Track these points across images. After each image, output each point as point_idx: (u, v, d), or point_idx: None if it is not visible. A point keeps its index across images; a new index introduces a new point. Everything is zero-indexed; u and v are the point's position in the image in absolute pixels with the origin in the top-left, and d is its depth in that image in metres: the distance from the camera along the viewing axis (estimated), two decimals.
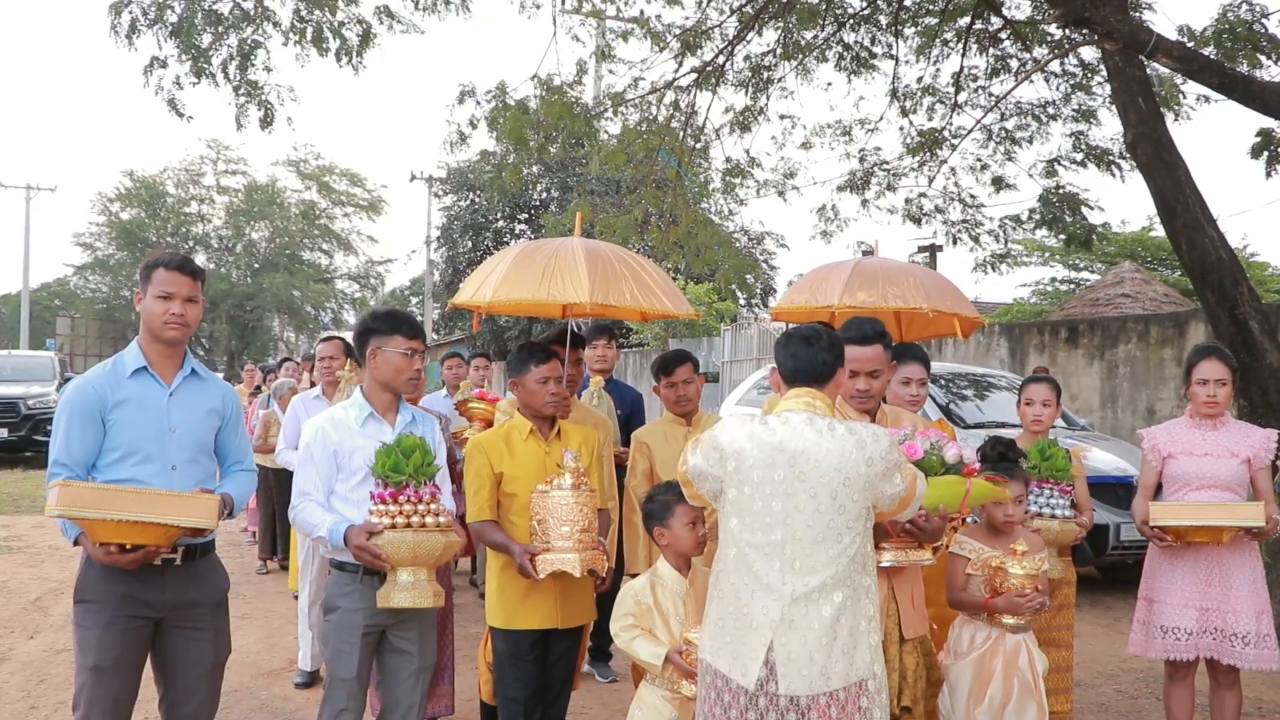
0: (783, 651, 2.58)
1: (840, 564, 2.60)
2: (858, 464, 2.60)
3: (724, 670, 2.66)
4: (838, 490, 2.59)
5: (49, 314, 44.28)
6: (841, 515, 2.60)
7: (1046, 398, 4.47)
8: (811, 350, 2.77)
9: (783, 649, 2.58)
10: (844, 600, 2.60)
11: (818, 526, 2.59)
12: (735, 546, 2.69)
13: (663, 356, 4.55)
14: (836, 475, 2.59)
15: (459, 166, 25.82)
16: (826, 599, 2.58)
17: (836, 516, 2.59)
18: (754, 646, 2.61)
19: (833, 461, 2.59)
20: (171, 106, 7.62)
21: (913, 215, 9.66)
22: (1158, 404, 10.73)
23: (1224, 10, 6.88)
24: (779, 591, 2.60)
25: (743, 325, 18.68)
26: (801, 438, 2.62)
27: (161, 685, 3.18)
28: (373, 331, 3.38)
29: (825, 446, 2.60)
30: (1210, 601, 3.97)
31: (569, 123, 8.00)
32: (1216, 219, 6.24)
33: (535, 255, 4.55)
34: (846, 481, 2.59)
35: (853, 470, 2.59)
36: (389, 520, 3.06)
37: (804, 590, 2.58)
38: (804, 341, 2.79)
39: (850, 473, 2.59)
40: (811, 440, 2.61)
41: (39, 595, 7.33)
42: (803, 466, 2.60)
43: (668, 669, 3.10)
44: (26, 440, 16.18)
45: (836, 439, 2.61)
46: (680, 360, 4.53)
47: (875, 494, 2.65)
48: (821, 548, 2.59)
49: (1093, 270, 21.57)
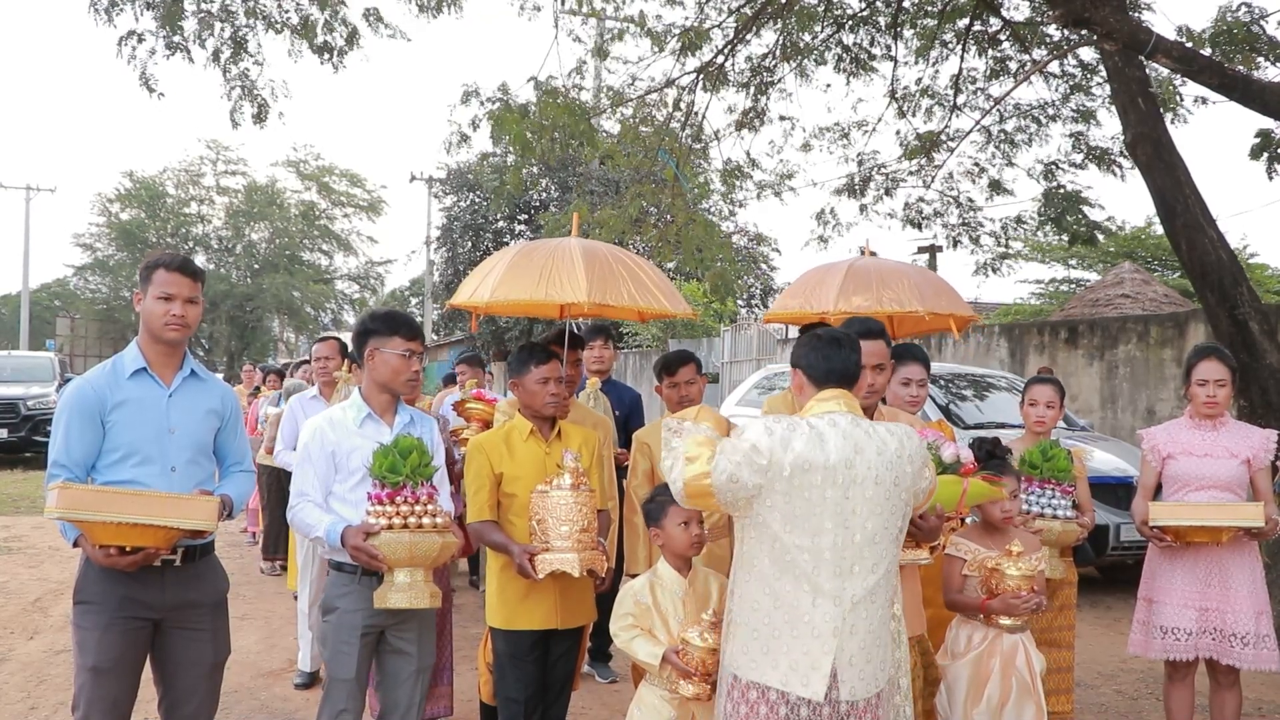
0: (844, 657, 2.57)
1: (887, 562, 2.64)
2: (904, 462, 2.64)
3: (776, 684, 2.58)
4: (890, 490, 2.61)
5: (49, 314, 44.30)
6: (893, 514, 2.63)
7: (1051, 399, 4.47)
8: (843, 352, 2.77)
9: (844, 655, 2.57)
10: (889, 599, 2.66)
11: (871, 527, 2.60)
12: (778, 552, 2.60)
13: (665, 356, 4.54)
14: (889, 474, 2.61)
15: (459, 167, 25.85)
16: (880, 600, 2.63)
17: (889, 516, 2.62)
18: (816, 655, 2.56)
19: (885, 461, 2.61)
20: (144, 81, 7.60)
21: (912, 220, 9.66)
22: (1158, 404, 10.73)
23: (1222, 11, 6.87)
24: (839, 596, 2.57)
25: (742, 326, 18.68)
26: (852, 439, 2.60)
27: (161, 686, 3.18)
28: (371, 332, 3.37)
29: (875, 446, 2.61)
30: (1210, 602, 3.97)
31: (569, 122, 7.99)
32: (1216, 219, 6.25)
33: (532, 256, 4.56)
34: (897, 481, 2.62)
35: (901, 469, 2.63)
36: (386, 521, 3.05)
37: (863, 593, 2.59)
38: (835, 344, 2.78)
39: (900, 471, 2.63)
40: (862, 441, 2.61)
41: (39, 596, 7.33)
42: (858, 468, 2.58)
43: (665, 669, 3.10)
44: (26, 441, 16.17)
45: (884, 439, 2.64)
46: (683, 360, 4.52)
47: (916, 490, 2.71)
48: (875, 548, 2.61)
49: (1093, 270, 21.57)
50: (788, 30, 8.72)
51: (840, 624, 2.57)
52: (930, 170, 9.28)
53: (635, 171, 9.46)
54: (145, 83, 7.59)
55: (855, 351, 2.79)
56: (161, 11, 7.19)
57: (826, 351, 2.76)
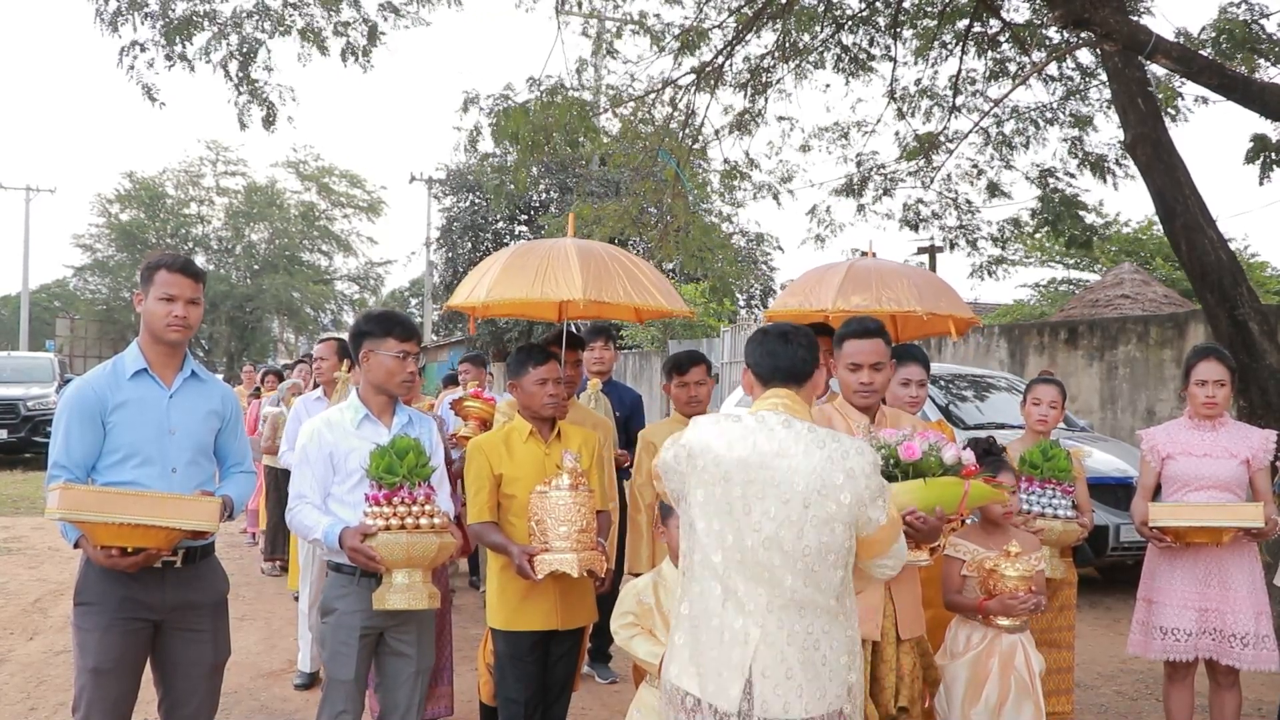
0: (759, 669, 2.38)
1: (818, 579, 2.40)
2: (835, 472, 2.40)
3: (695, 691, 2.45)
4: (811, 498, 2.39)
5: (48, 315, 44.30)
6: (816, 526, 2.39)
7: (1054, 399, 4.48)
8: (790, 348, 2.61)
9: (759, 667, 2.39)
10: (822, 620, 2.42)
11: (789, 535, 2.39)
12: (701, 553, 2.49)
13: (676, 356, 4.54)
14: (811, 480, 2.39)
15: (459, 168, 25.85)
16: (804, 614, 2.40)
17: (810, 527, 2.39)
18: (734, 665, 2.41)
19: (809, 465, 2.40)
20: (145, 91, 7.60)
21: (909, 221, 9.66)
22: (1157, 405, 10.73)
23: (1222, 11, 6.88)
24: (754, 604, 2.41)
25: (742, 326, 18.67)
26: (775, 438, 2.44)
27: (161, 687, 3.18)
28: (366, 334, 3.36)
29: (801, 449, 2.42)
30: (1209, 602, 3.97)
31: (572, 121, 7.99)
32: (1216, 220, 6.25)
33: (528, 255, 4.58)
34: (822, 490, 2.39)
35: (829, 478, 2.40)
36: (383, 522, 3.05)
37: (780, 603, 2.40)
38: (781, 339, 2.63)
39: (827, 480, 2.39)
40: (788, 442, 2.43)
41: (38, 597, 7.33)
42: (776, 469, 2.41)
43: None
44: (26, 441, 16.17)
45: (813, 442, 2.43)
46: (694, 361, 4.52)
47: (850, 519, 2.43)
48: (796, 559, 2.39)
49: (1093, 271, 21.58)
50: (787, 31, 8.73)
51: (758, 634, 2.39)
52: (929, 171, 9.28)
53: (635, 171, 9.46)
54: (147, 92, 7.60)
55: (804, 348, 2.62)
56: (164, 24, 7.20)
57: (772, 347, 2.63)
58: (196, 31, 7.36)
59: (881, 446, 2.99)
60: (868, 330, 3.33)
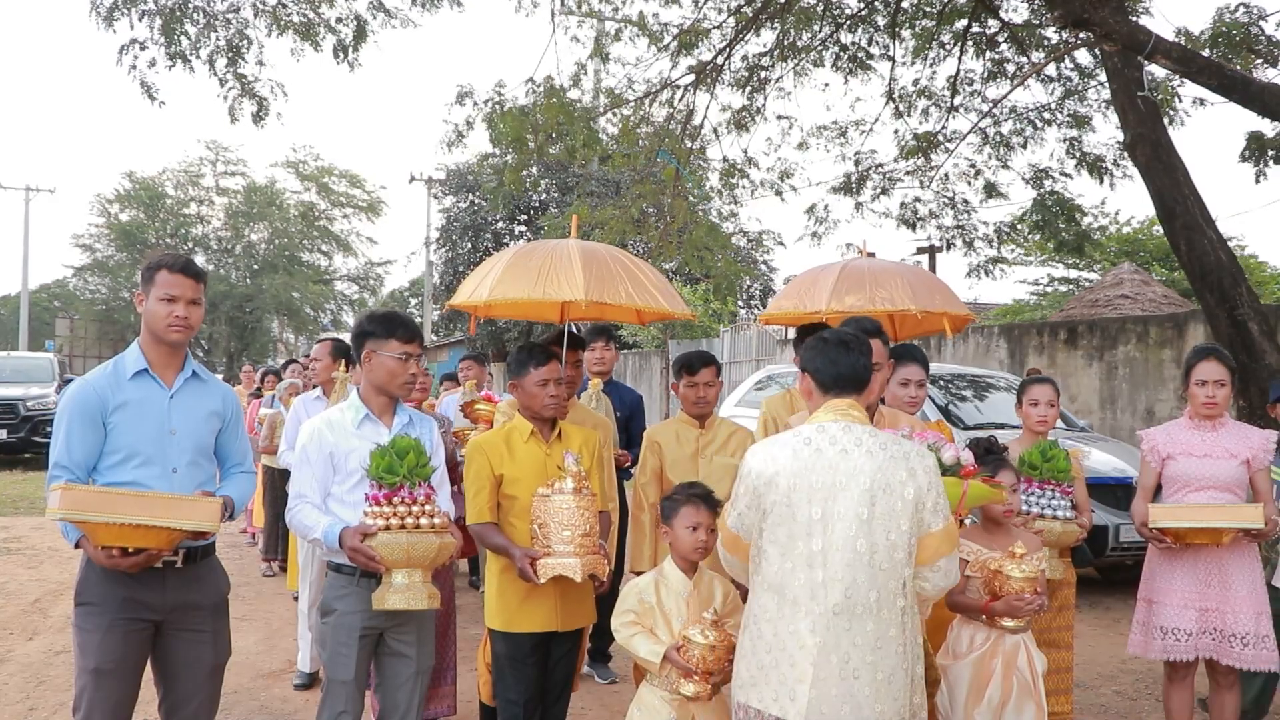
0: (823, 672, 2.44)
1: (885, 578, 2.47)
2: (898, 469, 2.50)
3: (762, 707, 2.51)
4: (877, 494, 2.47)
5: (48, 315, 44.28)
6: (883, 521, 2.47)
7: (1051, 398, 4.48)
8: (852, 356, 2.68)
9: (821, 670, 2.43)
10: (889, 623, 2.47)
11: (853, 535, 2.47)
12: (766, 566, 2.56)
13: (687, 355, 4.51)
14: (877, 477, 2.48)
15: (458, 168, 25.85)
16: (869, 617, 2.46)
17: (878, 523, 2.47)
18: (801, 670, 2.46)
19: (874, 464, 2.49)
20: (145, 90, 7.61)
21: (907, 220, 9.67)
22: (1157, 405, 10.73)
23: (1220, 12, 6.88)
24: (818, 608, 2.46)
25: (742, 326, 18.69)
26: (838, 443, 2.53)
27: (161, 687, 3.18)
28: (368, 334, 3.36)
29: (864, 450, 2.51)
30: (1210, 602, 3.98)
31: (568, 123, 7.99)
32: (1215, 220, 6.26)
33: (531, 256, 4.58)
34: (887, 486, 2.48)
35: (892, 477, 2.48)
36: (383, 522, 3.05)
37: (845, 604, 2.45)
38: (844, 347, 2.69)
39: (891, 476, 2.48)
40: (850, 445, 2.53)
41: (38, 597, 7.33)
42: (840, 470, 2.50)
43: (665, 667, 3.10)
44: (26, 442, 16.17)
45: (876, 444, 2.53)
46: (705, 362, 4.48)
47: (918, 513, 2.51)
48: (862, 560, 2.46)
49: (1092, 271, 21.58)
50: (786, 30, 8.73)
51: (821, 639, 2.45)
52: (927, 171, 9.29)
53: (636, 172, 9.47)
54: (147, 91, 7.60)
55: (864, 355, 2.70)
56: (161, 21, 7.20)
57: (834, 355, 2.69)
58: (188, 23, 7.37)
59: None
60: (867, 331, 3.35)
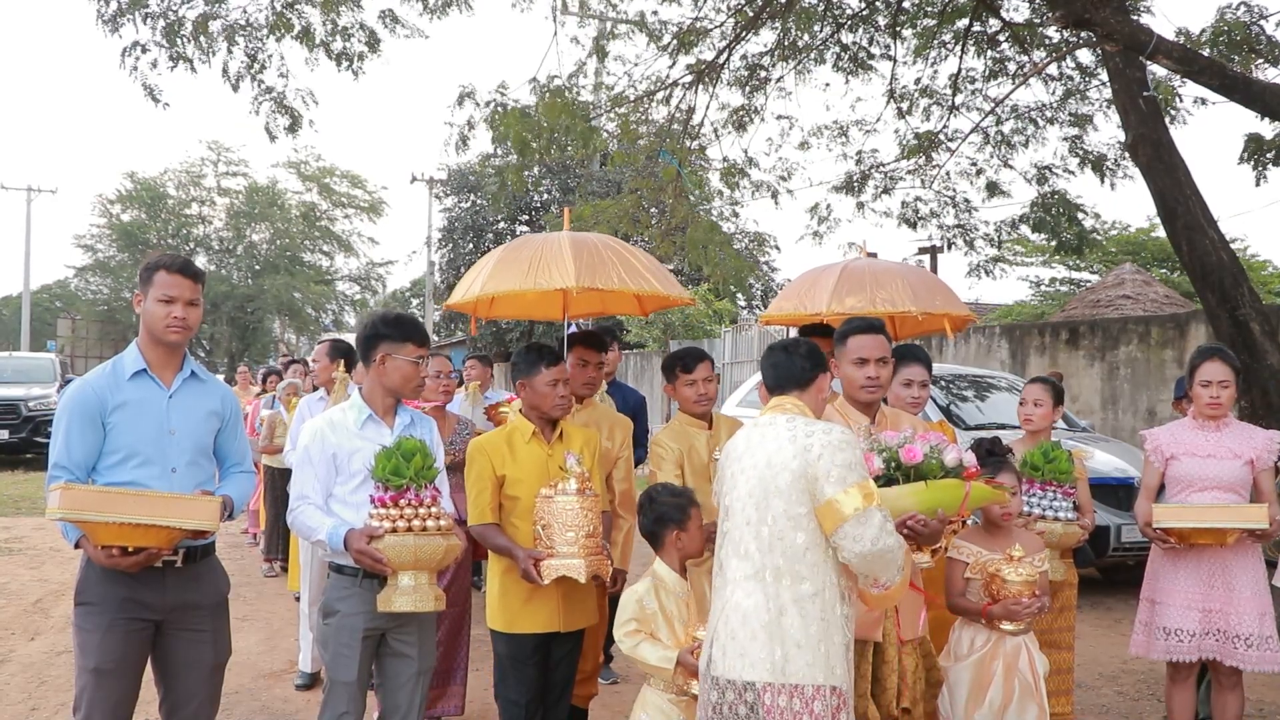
0: (722, 630, 2.69)
1: (779, 552, 2.65)
2: (787, 448, 2.67)
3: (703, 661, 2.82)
4: (763, 473, 2.69)
5: (50, 316, 44.28)
6: (776, 495, 2.66)
7: (1038, 398, 4.48)
8: (790, 358, 2.92)
9: (722, 629, 2.69)
10: (795, 591, 2.63)
11: (748, 510, 2.70)
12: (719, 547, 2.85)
13: (680, 353, 4.41)
14: (772, 457, 2.69)
15: (460, 168, 25.85)
16: (769, 584, 2.64)
17: (765, 501, 2.67)
18: (710, 628, 2.78)
19: (774, 446, 2.70)
20: (148, 92, 7.60)
21: (908, 219, 9.66)
22: (1158, 405, 10.72)
23: (1221, 11, 6.87)
24: (726, 574, 2.75)
25: (743, 327, 18.68)
26: (762, 435, 2.77)
27: (162, 687, 3.18)
28: (383, 337, 3.34)
29: (772, 435, 2.73)
30: (1213, 603, 3.97)
31: (569, 121, 7.98)
32: (1217, 220, 6.25)
33: (521, 249, 4.59)
34: (770, 464, 2.68)
35: (783, 457, 2.67)
36: (390, 524, 3.04)
37: (744, 574, 2.69)
38: (783, 351, 2.95)
39: (779, 460, 2.67)
40: (769, 433, 2.75)
41: (40, 597, 7.33)
42: (756, 456, 2.74)
43: (679, 671, 3.09)
44: (27, 442, 16.18)
45: (786, 428, 2.73)
46: (698, 357, 4.37)
47: (812, 485, 2.63)
48: (754, 531, 2.68)
49: (1093, 271, 21.57)
50: (787, 30, 8.73)
51: (726, 600, 2.71)
52: (928, 170, 9.28)
53: (637, 172, 9.46)
54: (150, 94, 7.60)
55: (806, 358, 2.92)
56: (165, 25, 7.20)
57: (775, 359, 2.96)
58: (202, 36, 7.36)
59: (883, 449, 2.99)
60: (871, 326, 3.39)
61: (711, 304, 19.29)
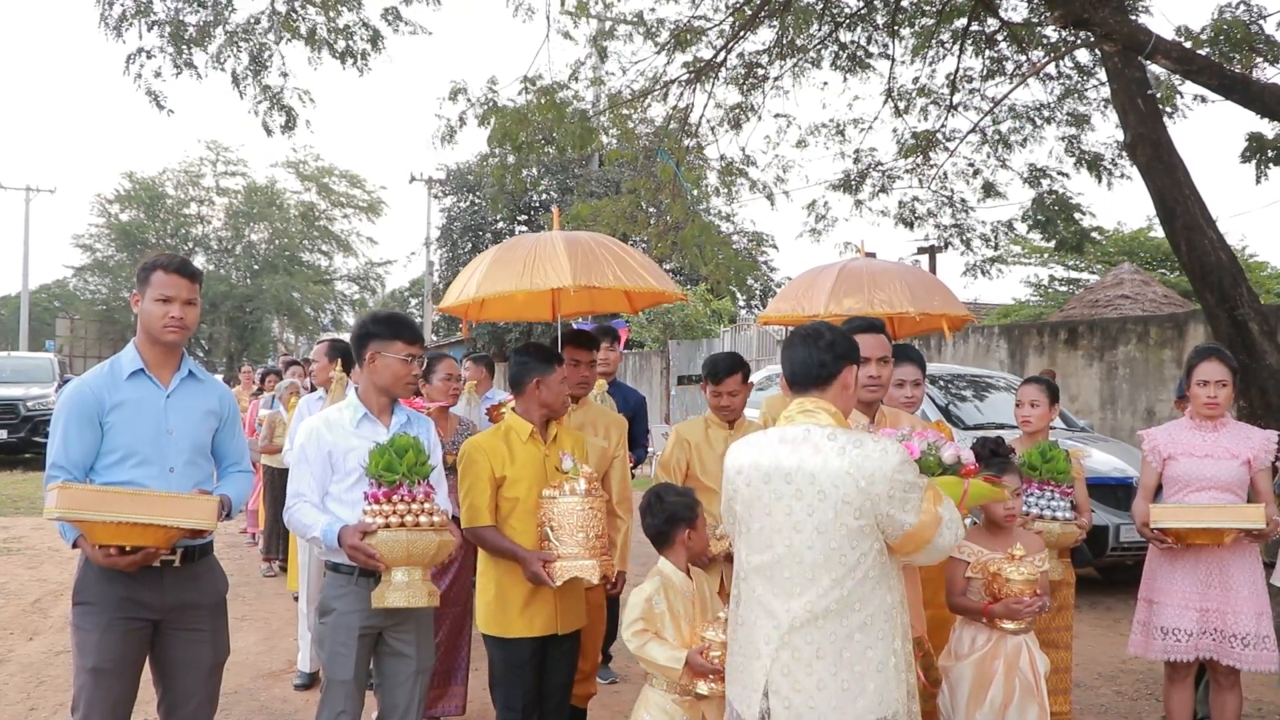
0: (780, 681, 2.42)
1: (847, 587, 2.40)
2: (855, 480, 2.39)
3: (734, 701, 2.55)
4: (839, 507, 2.40)
5: (48, 315, 44.25)
6: (846, 535, 2.40)
7: (1034, 399, 4.48)
8: (809, 350, 2.58)
9: (780, 679, 2.42)
10: (856, 626, 2.41)
11: (819, 547, 2.41)
12: (742, 569, 2.57)
13: (714, 360, 4.30)
14: (835, 491, 2.40)
15: (458, 168, 25.86)
16: (833, 625, 2.40)
17: (839, 535, 2.40)
18: (756, 676, 2.47)
19: (831, 477, 2.40)
20: (152, 98, 7.58)
21: (905, 219, 9.66)
22: (1157, 405, 10.73)
23: (1220, 10, 6.86)
24: (778, 617, 2.45)
25: (742, 326, 18.69)
26: (798, 452, 2.46)
27: (160, 687, 3.18)
28: (372, 335, 3.34)
29: (822, 460, 2.42)
30: (1210, 603, 3.97)
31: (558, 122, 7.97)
32: (1216, 220, 6.24)
33: (515, 249, 4.59)
34: (846, 499, 2.39)
35: (851, 487, 2.39)
36: (383, 520, 3.04)
37: (805, 616, 2.41)
38: (803, 341, 2.59)
39: (849, 490, 2.39)
40: (808, 454, 2.44)
41: (38, 597, 7.33)
42: (799, 483, 2.43)
43: (686, 671, 3.08)
44: (26, 441, 16.18)
45: (833, 451, 2.42)
46: (730, 369, 4.25)
47: (880, 516, 2.41)
48: (825, 570, 2.40)
49: (1092, 271, 21.58)
50: (785, 28, 8.72)
51: (778, 645, 2.44)
52: (926, 169, 9.28)
53: (635, 171, 9.46)
54: (154, 100, 7.57)
55: (828, 350, 2.57)
56: (171, 31, 7.18)
57: (793, 351, 2.63)
58: (209, 42, 7.35)
59: None
60: (872, 325, 3.40)
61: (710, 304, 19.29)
